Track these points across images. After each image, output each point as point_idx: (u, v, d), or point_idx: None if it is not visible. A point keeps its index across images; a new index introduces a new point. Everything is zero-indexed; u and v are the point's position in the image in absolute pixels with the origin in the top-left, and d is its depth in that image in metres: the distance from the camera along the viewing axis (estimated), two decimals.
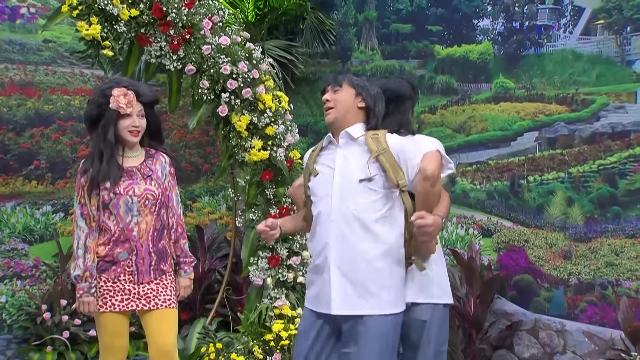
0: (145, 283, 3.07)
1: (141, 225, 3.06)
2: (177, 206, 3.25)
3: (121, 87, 2.99)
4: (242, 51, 3.91)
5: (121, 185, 3.03)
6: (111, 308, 3.03)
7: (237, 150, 4.03)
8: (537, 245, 4.50)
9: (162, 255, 3.14)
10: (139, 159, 3.15)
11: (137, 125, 3.04)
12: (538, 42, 4.57)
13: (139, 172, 3.10)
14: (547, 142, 4.49)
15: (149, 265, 3.07)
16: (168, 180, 3.21)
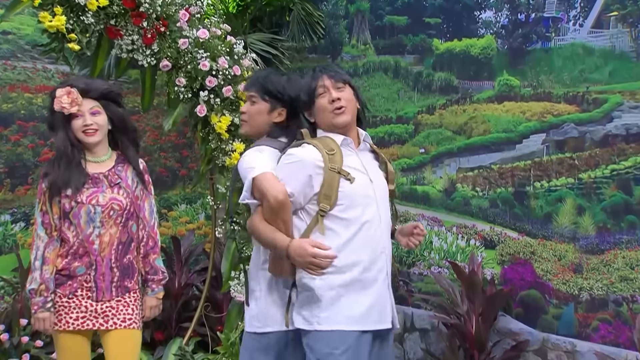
0: (106, 301, 3.03)
1: (104, 237, 3.02)
2: (150, 217, 3.21)
3: (65, 87, 2.96)
4: (222, 45, 3.89)
5: (84, 193, 2.99)
6: (65, 326, 2.99)
7: (217, 154, 4.00)
8: (544, 257, 4.49)
9: (126, 271, 3.10)
10: (107, 164, 3.11)
11: (90, 123, 3.00)
12: (545, 36, 4.57)
13: (106, 179, 3.07)
14: (556, 145, 4.49)
15: (110, 282, 3.03)
16: (140, 189, 3.17)
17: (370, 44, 5.75)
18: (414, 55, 5.45)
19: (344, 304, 2.51)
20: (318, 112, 2.68)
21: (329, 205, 2.51)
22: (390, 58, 5.60)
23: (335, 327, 2.48)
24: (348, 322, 2.50)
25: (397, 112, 5.50)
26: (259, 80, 2.79)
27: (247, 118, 2.79)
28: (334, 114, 2.65)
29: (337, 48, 5.98)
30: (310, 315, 2.51)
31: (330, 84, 2.69)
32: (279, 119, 2.76)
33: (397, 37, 5.57)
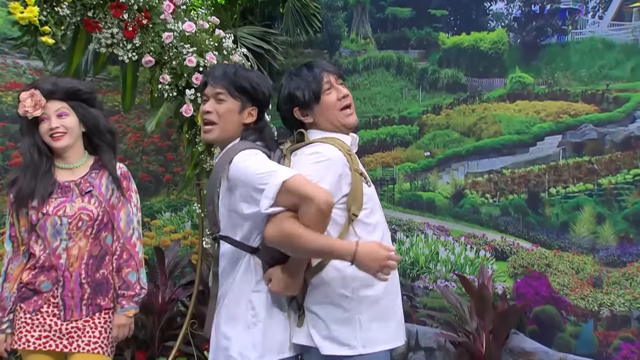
0: (73, 320, 2.98)
1: (72, 251, 2.97)
2: (127, 228, 3.15)
3: (30, 89, 2.93)
4: (210, 40, 3.86)
5: (51, 203, 2.96)
6: (25, 345, 2.95)
7: (205, 158, 3.97)
8: (561, 270, 4.47)
9: (99, 288, 3.05)
10: (80, 170, 3.07)
11: (55, 127, 2.96)
12: (562, 29, 4.56)
13: (77, 187, 3.02)
14: (573, 147, 4.48)
15: (80, 299, 2.99)
16: (116, 197, 3.12)
17: (371, 38, 5.73)
18: (419, 51, 5.44)
19: (382, 321, 2.51)
20: (323, 110, 2.63)
21: (358, 209, 2.49)
22: (393, 53, 5.58)
23: (382, 347, 2.50)
24: (389, 340, 2.53)
25: (400, 112, 5.48)
26: (227, 74, 2.63)
27: (217, 119, 2.57)
28: (345, 113, 2.63)
29: (335, 42, 5.96)
30: (351, 337, 2.47)
31: (334, 80, 2.67)
32: (250, 119, 2.62)
33: (400, 31, 5.56)
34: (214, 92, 2.58)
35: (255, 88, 2.61)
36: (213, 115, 2.56)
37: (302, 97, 2.63)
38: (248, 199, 2.39)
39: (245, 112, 2.60)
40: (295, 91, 2.64)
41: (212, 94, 2.59)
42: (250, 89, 2.59)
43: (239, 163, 2.43)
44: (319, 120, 2.65)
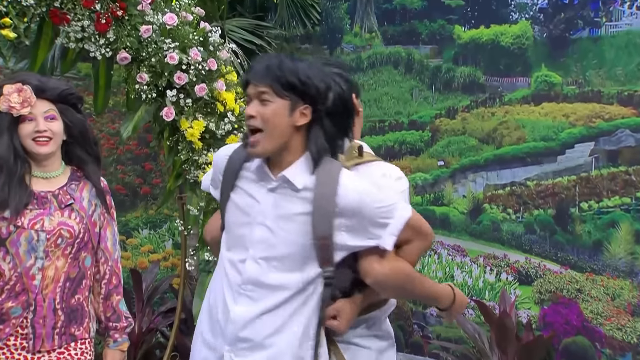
0: (44, 352, 2.95)
1: (48, 271, 2.94)
2: (114, 249, 3.14)
3: (15, 83, 2.90)
4: (194, 34, 3.85)
5: (26, 215, 2.92)
6: None
7: (188, 167, 3.95)
8: (594, 296, 4.46)
9: (74, 315, 3.01)
10: (58, 181, 3.04)
11: (43, 130, 2.94)
12: (594, 22, 4.56)
13: (55, 199, 2.99)
14: (607, 156, 4.48)
15: (52, 328, 2.95)
16: (100, 213, 3.10)
17: (377, 32, 5.74)
18: (431, 46, 5.46)
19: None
20: (358, 118, 2.64)
21: None
22: (402, 49, 5.59)
23: None
24: None
25: (410, 116, 5.48)
26: (271, 68, 2.46)
27: (263, 125, 2.37)
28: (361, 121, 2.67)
29: (336, 37, 5.97)
30: None
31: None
32: (303, 120, 2.45)
33: (410, 24, 5.57)
34: (256, 91, 2.38)
35: (306, 82, 2.41)
36: (257, 121, 2.37)
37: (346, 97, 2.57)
38: (358, 230, 2.33)
39: (297, 113, 2.46)
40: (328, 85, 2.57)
41: (254, 94, 2.40)
42: (299, 84, 2.40)
43: (350, 190, 2.33)
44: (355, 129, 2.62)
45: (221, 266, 2.42)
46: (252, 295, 2.32)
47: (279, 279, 2.32)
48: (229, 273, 2.37)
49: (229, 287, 2.35)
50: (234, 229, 2.38)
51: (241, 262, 2.34)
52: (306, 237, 2.31)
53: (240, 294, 2.33)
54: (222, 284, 2.39)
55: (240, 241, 2.36)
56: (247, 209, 2.36)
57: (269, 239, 2.32)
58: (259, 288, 2.32)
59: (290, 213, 2.32)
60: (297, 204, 2.32)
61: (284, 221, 2.32)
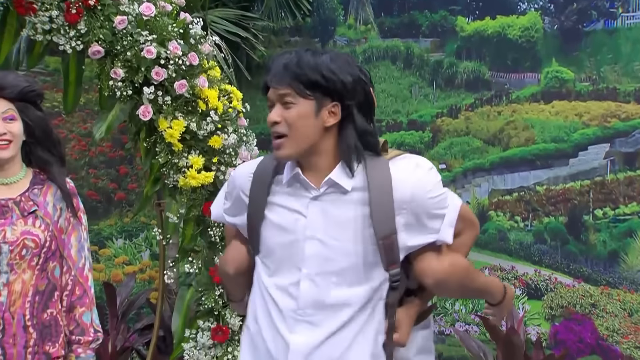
0: None
1: (14, 286, 2.92)
2: (79, 256, 3.11)
3: None
4: (173, 25, 3.84)
5: None
6: None
7: (167, 171, 3.94)
8: (609, 312, 4.47)
9: (47, 332, 3.00)
10: (19, 186, 3.02)
11: (3, 132, 2.92)
12: (610, 12, 4.57)
13: (17, 206, 2.97)
14: (624, 159, 4.49)
15: (24, 347, 2.93)
16: (66, 218, 3.08)
17: (373, 24, 5.73)
18: (432, 39, 5.46)
19: None
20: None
21: None
22: (400, 43, 5.59)
23: None
24: None
25: (409, 115, 5.47)
26: (290, 67, 2.40)
27: (287, 130, 2.33)
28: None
29: (329, 29, 5.97)
30: None
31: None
32: (333, 120, 2.42)
33: (409, 15, 5.57)
34: (278, 95, 2.34)
35: (330, 77, 2.35)
36: (282, 126, 2.33)
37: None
38: (416, 227, 2.31)
39: (325, 112, 2.34)
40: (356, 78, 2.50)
41: (276, 98, 2.36)
42: (323, 81, 2.34)
43: (405, 182, 2.31)
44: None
45: (262, 296, 2.36)
46: (313, 320, 2.27)
47: (341, 296, 2.28)
48: (278, 300, 2.30)
49: (280, 316, 2.29)
50: (277, 250, 2.32)
51: (293, 285, 2.28)
52: (366, 242, 2.28)
53: (297, 321, 2.27)
54: (269, 314, 2.34)
55: (287, 262, 2.31)
56: (289, 226, 2.31)
57: (322, 253, 2.28)
58: (320, 310, 2.28)
59: (343, 219, 2.29)
60: (349, 208, 2.28)
61: (338, 230, 2.29)
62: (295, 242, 2.29)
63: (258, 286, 2.37)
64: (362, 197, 2.27)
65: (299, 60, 2.32)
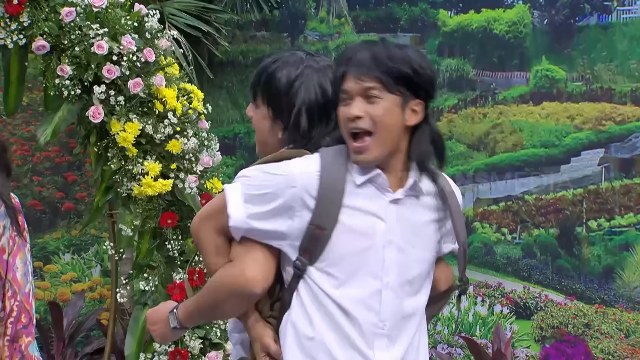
0: None
1: None
2: (25, 280, 3.11)
3: None
4: (127, 18, 3.84)
5: None
6: None
7: (120, 179, 3.93)
8: (604, 332, 4.50)
9: None
10: None
11: None
12: (603, 6, 4.60)
13: None
14: (619, 165, 4.51)
15: None
16: (9, 237, 3.08)
17: (347, 18, 5.74)
18: (412, 34, 5.47)
19: None
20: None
21: None
22: (377, 38, 5.56)
23: None
24: None
25: None
26: (379, 58, 2.38)
27: (372, 126, 2.29)
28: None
29: (299, 23, 5.98)
30: None
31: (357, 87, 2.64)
32: (414, 119, 2.31)
33: (386, 8, 5.59)
34: (361, 87, 2.28)
35: (420, 72, 2.34)
36: (365, 122, 2.29)
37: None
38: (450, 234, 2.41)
39: (408, 110, 2.32)
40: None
41: (358, 91, 2.30)
42: (414, 75, 2.34)
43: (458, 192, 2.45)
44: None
45: (325, 311, 2.28)
46: (391, 334, 2.28)
47: (411, 306, 2.32)
48: (355, 314, 2.25)
49: (358, 331, 2.26)
50: (349, 258, 2.26)
51: (373, 296, 2.26)
52: (432, 249, 2.35)
53: (376, 335, 2.26)
54: (340, 330, 2.28)
55: (362, 271, 2.27)
56: (368, 230, 2.27)
57: (400, 260, 2.30)
58: (397, 322, 2.29)
59: (417, 225, 2.33)
60: (423, 214, 2.34)
61: (413, 235, 2.32)
62: (373, 248, 2.27)
63: (314, 300, 2.29)
64: (433, 202, 2.33)
65: (389, 51, 2.30)
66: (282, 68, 2.46)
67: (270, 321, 2.34)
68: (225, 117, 6.05)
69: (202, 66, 5.54)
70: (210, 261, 2.39)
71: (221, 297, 2.32)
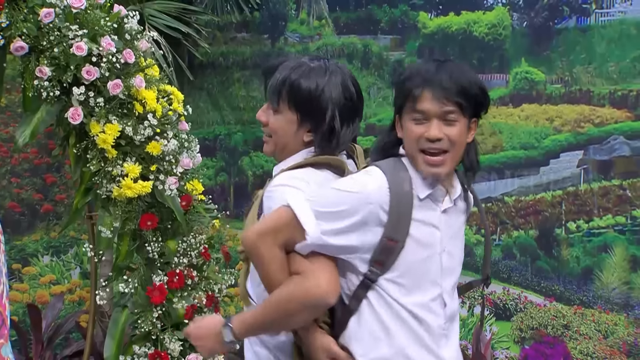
0: None
1: None
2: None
3: None
4: (106, 19, 3.82)
5: None
6: None
7: (100, 181, 3.91)
8: (583, 333, 4.51)
9: None
10: None
11: None
12: (582, 9, 4.62)
13: None
14: (598, 167, 4.52)
15: None
16: None
17: (328, 19, 5.74)
18: (392, 36, 5.48)
19: None
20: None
21: None
22: (357, 40, 5.60)
23: None
24: None
25: (366, 119, 5.48)
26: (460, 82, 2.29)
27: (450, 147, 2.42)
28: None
29: (279, 24, 5.96)
30: None
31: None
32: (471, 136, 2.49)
33: (366, 9, 5.59)
34: (442, 110, 2.37)
35: (486, 96, 2.47)
36: (445, 143, 2.38)
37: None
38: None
39: (470, 129, 2.47)
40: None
41: (437, 113, 2.37)
42: (483, 99, 2.44)
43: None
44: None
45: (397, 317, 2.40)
46: (447, 333, 2.45)
47: (456, 305, 2.51)
48: (426, 318, 2.38)
49: (429, 333, 2.40)
50: (415, 268, 2.38)
51: (434, 301, 2.40)
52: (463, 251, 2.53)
53: (440, 336, 2.42)
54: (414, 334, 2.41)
55: (425, 278, 2.40)
56: (429, 240, 2.40)
57: (451, 265, 2.45)
58: (450, 322, 2.46)
59: (456, 229, 2.49)
60: (458, 219, 2.50)
61: (456, 240, 2.50)
62: (433, 257, 2.40)
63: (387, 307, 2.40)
64: (463, 205, 2.51)
65: (465, 76, 2.40)
66: (310, 74, 2.54)
67: (323, 326, 2.43)
68: (206, 118, 6.03)
69: (182, 68, 5.52)
70: (275, 277, 2.41)
71: (293, 309, 2.35)
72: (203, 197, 4.05)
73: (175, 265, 3.95)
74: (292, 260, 2.39)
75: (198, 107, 5.69)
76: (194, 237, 3.95)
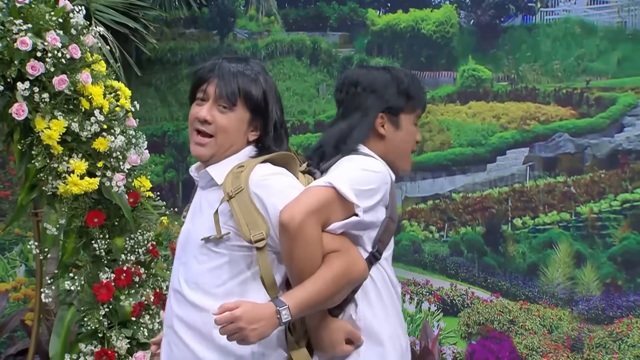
0: None
1: None
2: None
3: None
4: (51, 14, 3.79)
5: None
6: None
7: (45, 177, 3.87)
8: (528, 328, 4.54)
9: None
10: None
11: None
12: (528, 7, 4.66)
13: None
14: (543, 164, 4.56)
15: None
16: None
17: (277, 16, 5.73)
18: (341, 33, 5.47)
19: None
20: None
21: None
22: (306, 36, 5.60)
23: None
24: None
25: (316, 116, 5.49)
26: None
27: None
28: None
29: (228, 20, 5.94)
30: None
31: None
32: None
33: (315, 6, 5.59)
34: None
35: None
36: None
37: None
38: None
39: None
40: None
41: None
42: None
43: None
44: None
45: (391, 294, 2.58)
46: None
47: None
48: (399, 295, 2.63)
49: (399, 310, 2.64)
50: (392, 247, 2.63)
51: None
52: None
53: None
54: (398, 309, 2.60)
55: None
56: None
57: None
58: None
59: None
60: None
61: None
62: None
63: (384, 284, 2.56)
64: None
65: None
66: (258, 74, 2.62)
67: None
68: (154, 114, 5.99)
69: (129, 63, 5.48)
70: (317, 256, 2.44)
71: (341, 285, 2.43)
72: (151, 194, 4.03)
73: (122, 263, 3.93)
74: (327, 239, 2.42)
75: (146, 103, 5.66)
76: (142, 234, 3.94)
